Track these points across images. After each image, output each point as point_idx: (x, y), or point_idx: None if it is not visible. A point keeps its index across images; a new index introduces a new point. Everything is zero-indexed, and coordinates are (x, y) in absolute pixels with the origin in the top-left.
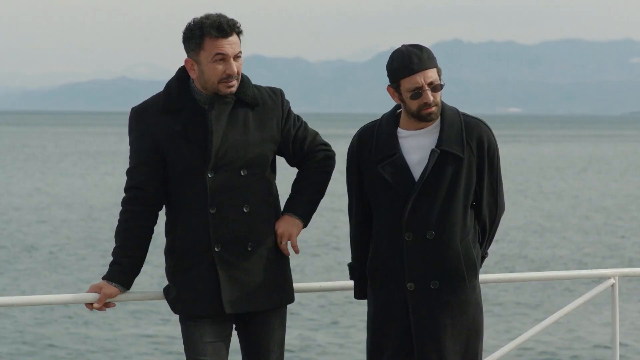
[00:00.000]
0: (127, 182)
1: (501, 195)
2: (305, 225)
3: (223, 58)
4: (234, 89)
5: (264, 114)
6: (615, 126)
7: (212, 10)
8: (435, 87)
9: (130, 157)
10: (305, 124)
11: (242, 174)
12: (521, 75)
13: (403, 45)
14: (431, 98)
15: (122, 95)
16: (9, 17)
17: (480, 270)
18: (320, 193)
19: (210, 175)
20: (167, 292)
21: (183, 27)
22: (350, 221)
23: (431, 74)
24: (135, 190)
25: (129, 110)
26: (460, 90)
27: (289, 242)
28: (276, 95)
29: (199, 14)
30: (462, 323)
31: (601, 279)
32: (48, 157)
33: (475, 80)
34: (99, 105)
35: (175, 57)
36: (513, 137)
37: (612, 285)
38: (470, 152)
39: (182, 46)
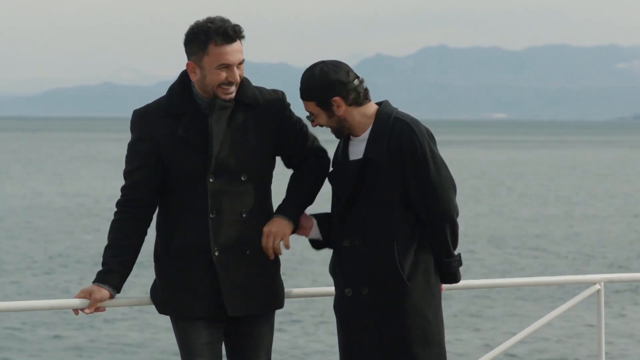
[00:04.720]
0: (124, 184)
1: (439, 197)
2: (294, 228)
3: (227, 66)
4: (231, 96)
5: (263, 116)
6: (600, 132)
7: (197, 15)
8: None
9: (128, 160)
10: (306, 127)
11: (243, 179)
12: (506, 81)
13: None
14: None
15: (107, 100)
16: None
17: (462, 276)
18: (311, 198)
19: (211, 180)
20: (156, 293)
21: (166, 32)
22: None
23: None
24: (132, 192)
25: (113, 115)
26: (445, 95)
27: (281, 242)
28: (277, 96)
29: (182, 20)
30: (398, 330)
31: (586, 284)
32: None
33: (460, 86)
34: (83, 110)
35: (159, 63)
36: (498, 143)
37: (598, 291)
38: (389, 156)
39: (165, 52)
